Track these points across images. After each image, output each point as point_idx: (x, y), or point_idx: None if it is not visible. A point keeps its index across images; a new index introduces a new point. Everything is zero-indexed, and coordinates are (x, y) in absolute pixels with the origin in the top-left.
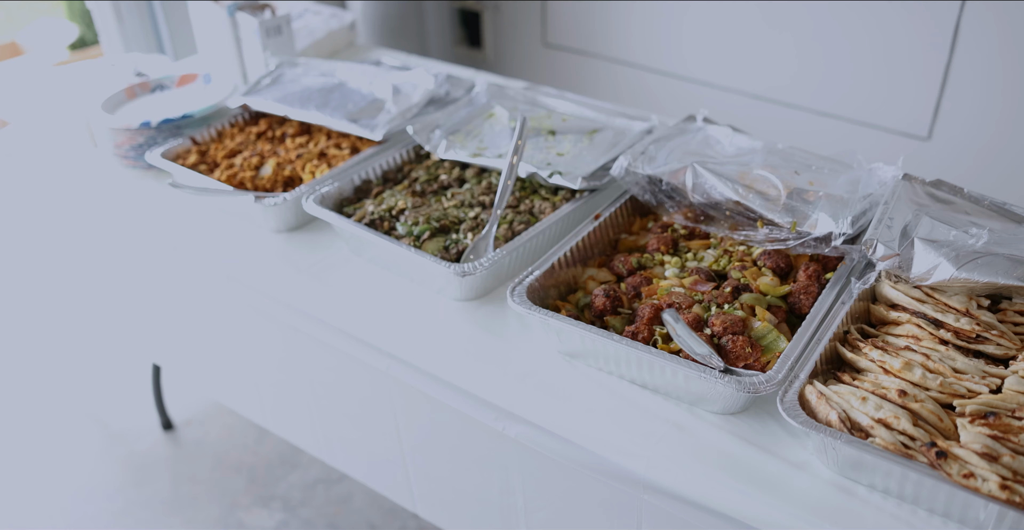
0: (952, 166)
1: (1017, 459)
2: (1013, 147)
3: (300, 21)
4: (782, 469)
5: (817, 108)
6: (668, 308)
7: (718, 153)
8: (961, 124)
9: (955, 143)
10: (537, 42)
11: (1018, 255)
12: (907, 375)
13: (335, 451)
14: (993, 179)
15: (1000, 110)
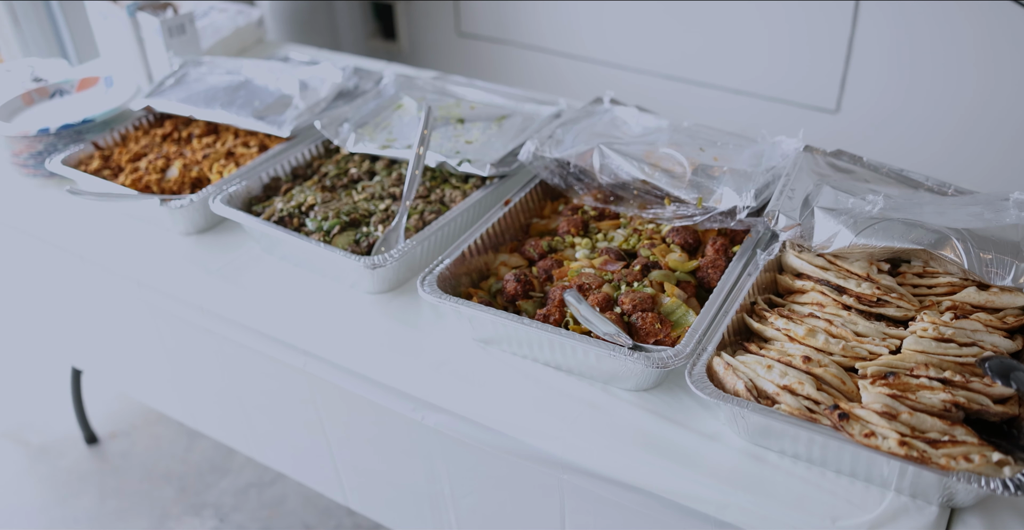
0: (861, 137)
1: (915, 416)
2: (919, 116)
3: (205, 19)
4: (696, 441)
5: (729, 86)
6: (569, 289)
7: (625, 133)
8: (868, 96)
9: (863, 114)
10: (451, 32)
11: (912, 219)
12: (811, 341)
13: (265, 450)
14: (901, 148)
15: (906, 80)
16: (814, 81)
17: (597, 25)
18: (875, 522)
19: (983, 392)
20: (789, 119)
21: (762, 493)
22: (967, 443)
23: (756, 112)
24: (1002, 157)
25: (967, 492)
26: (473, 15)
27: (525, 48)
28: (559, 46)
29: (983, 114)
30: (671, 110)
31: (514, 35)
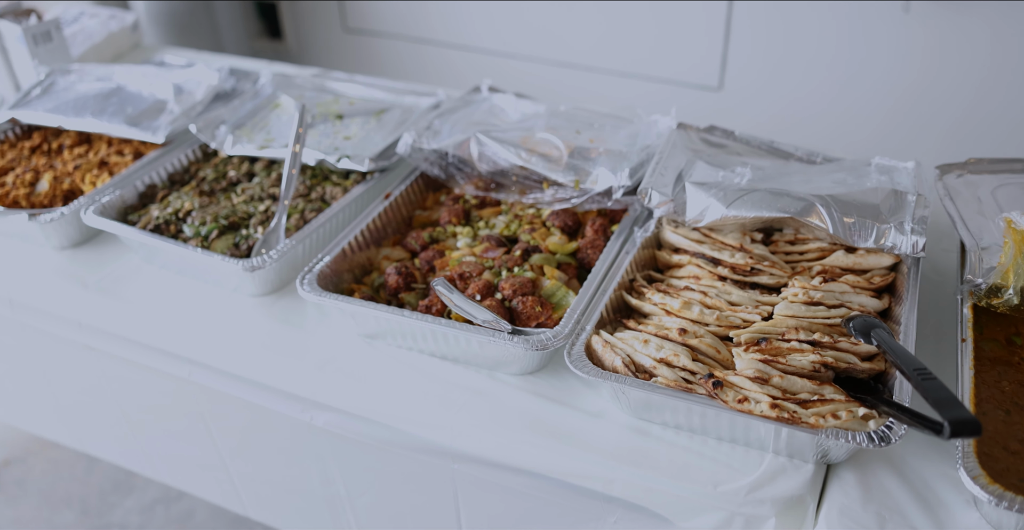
0: (745, 112)
1: (786, 378)
2: (799, 89)
3: (76, 25)
4: (581, 420)
5: (615, 69)
6: (438, 279)
7: (502, 121)
8: (748, 72)
9: (745, 90)
10: (338, 28)
11: (779, 188)
12: (686, 314)
13: (159, 467)
14: (786, 121)
15: (785, 55)
16: (696, 60)
17: (484, 15)
18: (754, 484)
19: (850, 351)
20: (675, 98)
21: (646, 466)
22: (835, 401)
23: (643, 93)
24: (879, 125)
25: (839, 448)
26: (358, 10)
27: (414, 41)
28: (447, 37)
29: (860, 85)
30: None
31: (401, 28)
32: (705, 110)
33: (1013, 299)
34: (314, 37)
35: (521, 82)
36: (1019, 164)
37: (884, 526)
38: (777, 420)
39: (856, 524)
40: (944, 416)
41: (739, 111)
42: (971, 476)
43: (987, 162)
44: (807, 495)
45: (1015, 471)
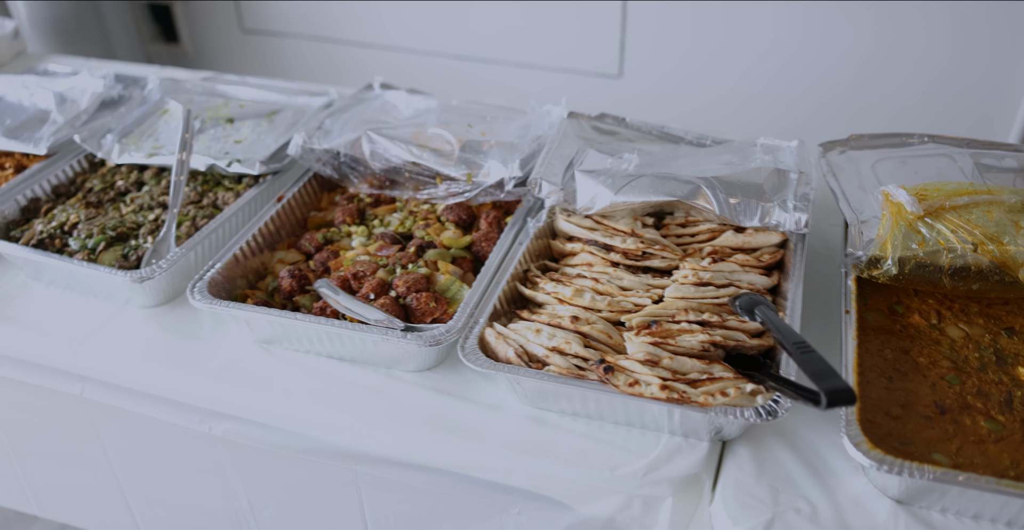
0: (645, 99)
1: (676, 359)
2: (698, 74)
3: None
4: (479, 413)
5: (517, 60)
6: (321, 280)
7: (394, 117)
8: (647, 59)
9: (645, 77)
10: (235, 29)
11: (666, 173)
12: (578, 301)
13: (46, 502)
14: (686, 106)
15: (681, 41)
16: (595, 49)
17: (384, 11)
18: (651, 465)
19: (739, 329)
20: (576, 87)
21: (545, 454)
22: (724, 379)
23: (545, 83)
24: (774, 107)
25: (731, 425)
26: (255, 11)
27: (314, 40)
28: (348, 35)
29: (756, 68)
30: (464, 89)
31: (300, 27)
32: (607, 98)
33: (892, 269)
34: (211, 39)
35: (424, 77)
36: (897, 139)
37: (777, 497)
38: (667, 401)
39: (750, 497)
40: (820, 387)
41: (640, 97)
42: (854, 443)
43: (868, 138)
44: (703, 473)
45: (896, 435)
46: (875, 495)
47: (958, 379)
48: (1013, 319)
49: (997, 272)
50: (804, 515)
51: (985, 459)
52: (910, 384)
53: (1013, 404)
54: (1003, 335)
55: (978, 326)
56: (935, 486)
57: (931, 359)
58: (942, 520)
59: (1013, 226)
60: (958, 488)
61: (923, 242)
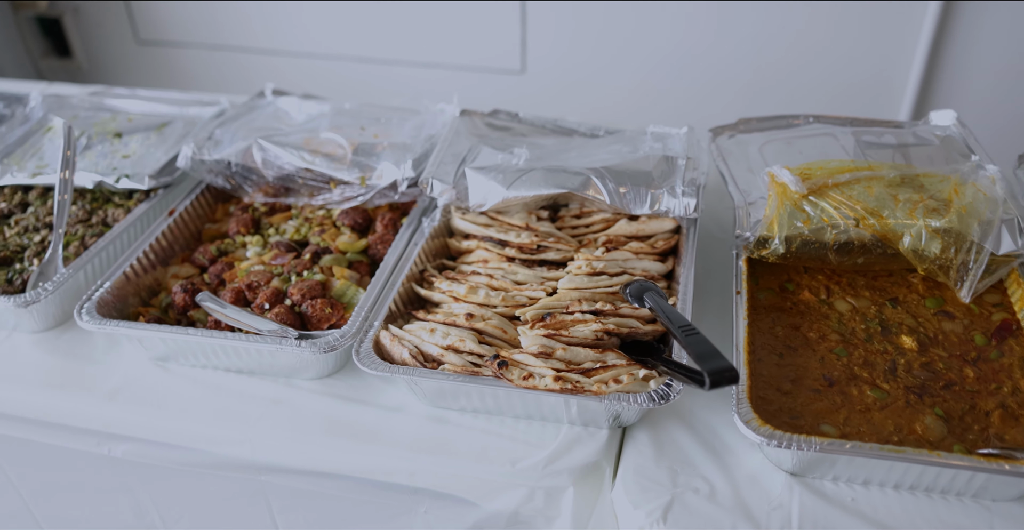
0: (549, 93)
1: (569, 350)
2: (600, 66)
3: None
4: (381, 416)
5: (419, 60)
6: (202, 293)
7: (286, 124)
8: (549, 53)
9: (548, 71)
10: (130, 41)
11: (556, 165)
12: (473, 298)
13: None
14: (590, 100)
15: (582, 34)
16: (497, 45)
17: (282, 16)
18: (551, 456)
19: (632, 316)
20: (481, 85)
21: (447, 453)
22: (617, 366)
23: (449, 82)
24: (680, 98)
25: (628, 411)
26: (150, 21)
27: (212, 48)
28: (247, 42)
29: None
30: (366, 91)
31: (197, 36)
32: (511, 93)
33: (779, 248)
34: (106, 52)
35: (327, 82)
36: (784, 120)
37: (676, 479)
38: (561, 392)
39: (650, 481)
40: (704, 368)
41: (544, 92)
42: (744, 421)
43: (756, 121)
44: (603, 460)
45: (787, 410)
46: (771, 469)
47: (845, 351)
48: (897, 290)
49: (879, 245)
50: (702, 494)
51: (871, 427)
52: (800, 359)
53: (897, 372)
54: (888, 306)
55: (865, 298)
56: (824, 457)
57: (820, 333)
58: (834, 489)
59: (892, 200)
60: (846, 457)
61: (808, 220)
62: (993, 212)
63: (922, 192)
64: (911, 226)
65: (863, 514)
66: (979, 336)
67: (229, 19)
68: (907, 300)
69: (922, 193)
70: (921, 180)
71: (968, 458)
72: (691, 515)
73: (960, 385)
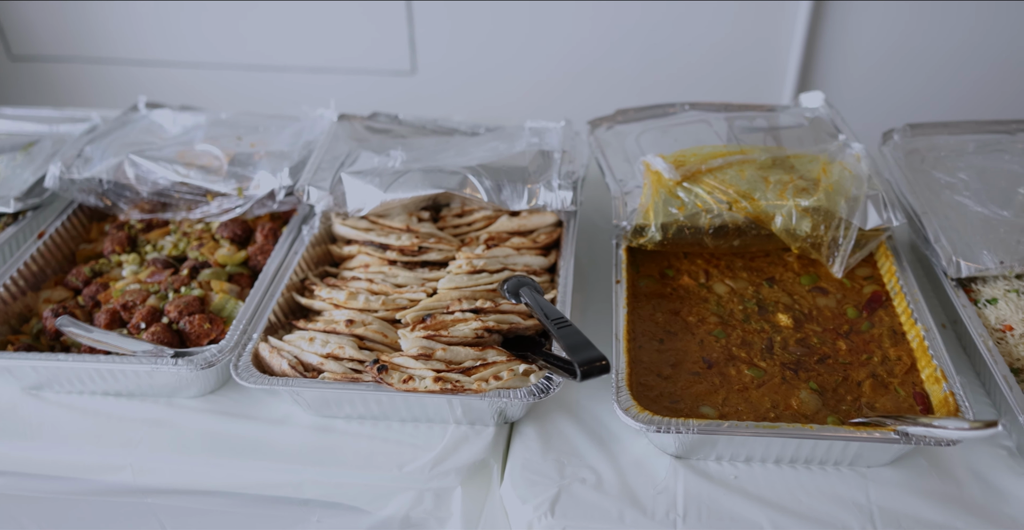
0: (442, 92)
1: (449, 350)
2: (490, 63)
3: None
4: (265, 429)
5: (308, 65)
6: (62, 317)
7: (160, 138)
8: (438, 52)
9: (438, 70)
10: (2, 57)
11: (433, 165)
12: (353, 304)
13: None
14: (483, 98)
15: (470, 32)
16: (385, 47)
17: (164, 25)
18: (438, 457)
19: (512, 311)
20: (372, 87)
21: (332, 462)
22: (497, 363)
23: (340, 86)
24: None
25: (512, 407)
26: (24, 34)
27: (91, 62)
28: (127, 53)
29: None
30: (252, 100)
31: (75, 49)
32: (403, 95)
33: (656, 236)
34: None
35: (211, 92)
36: (660, 109)
37: (563, 471)
38: (442, 392)
39: (537, 475)
40: (575, 360)
41: (436, 92)
42: (623, 408)
43: (633, 111)
44: (490, 458)
45: (668, 395)
46: (656, 454)
47: (724, 333)
48: (774, 269)
49: (754, 227)
50: (589, 484)
51: (748, 405)
52: (680, 343)
53: (773, 349)
54: (764, 285)
55: (742, 280)
56: (704, 438)
57: (700, 317)
58: (718, 468)
59: (763, 182)
60: (725, 437)
61: (682, 206)
62: (859, 189)
63: (792, 173)
64: (782, 206)
65: (746, 491)
66: (851, 309)
67: (106, 30)
68: (783, 279)
69: (792, 174)
70: (791, 161)
71: (840, 429)
72: (578, 505)
73: (834, 358)
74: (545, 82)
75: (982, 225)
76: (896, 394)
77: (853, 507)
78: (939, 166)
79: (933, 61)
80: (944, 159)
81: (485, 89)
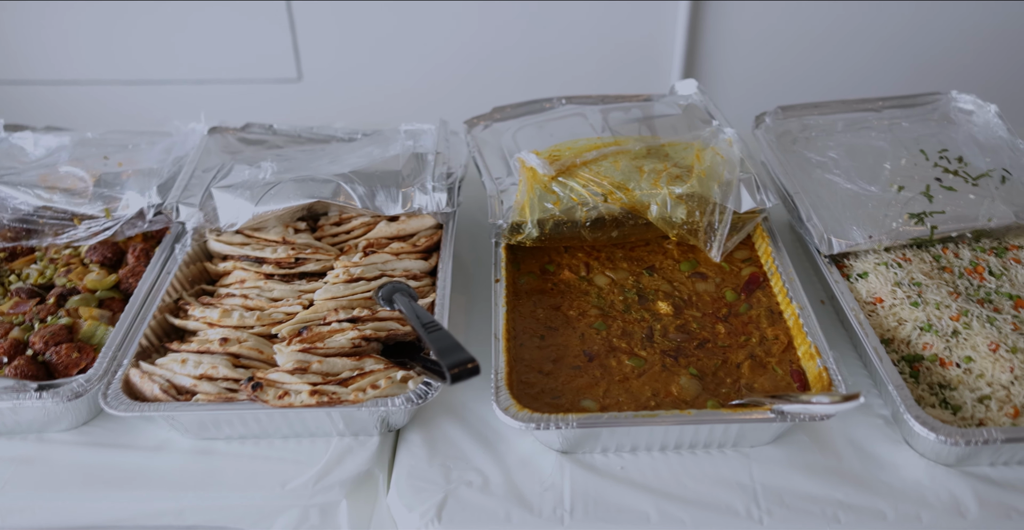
0: (330, 98)
1: (326, 362)
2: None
3: None
4: (142, 458)
5: (189, 78)
6: None
7: (20, 161)
8: (324, 58)
9: (325, 76)
10: None
11: (304, 175)
12: (227, 321)
13: None
14: (371, 99)
15: (354, 36)
16: (269, 54)
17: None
18: (321, 472)
19: (390, 318)
20: (257, 96)
21: (213, 486)
22: (375, 372)
23: (225, 97)
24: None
25: (395, 414)
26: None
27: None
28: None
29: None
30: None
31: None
32: (290, 102)
33: (533, 232)
34: None
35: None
36: (537, 104)
37: (449, 475)
38: (318, 405)
39: (423, 481)
40: (444, 363)
41: (324, 98)
42: (502, 408)
43: (510, 108)
44: (375, 468)
45: (549, 391)
46: (543, 451)
47: (605, 324)
48: (654, 257)
49: (631, 217)
50: (475, 487)
51: (629, 395)
52: (561, 338)
53: (654, 338)
54: (645, 274)
55: (623, 270)
56: (587, 432)
57: (580, 310)
58: (604, 460)
59: (638, 172)
60: (605, 429)
61: (558, 201)
62: (732, 173)
63: (667, 161)
64: (656, 195)
65: (632, 481)
66: (730, 292)
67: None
68: (663, 266)
69: (666, 162)
70: (666, 150)
71: (717, 412)
72: (465, 509)
73: (713, 342)
74: (435, 83)
75: (852, 201)
76: (774, 373)
77: (737, 488)
78: (810, 146)
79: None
80: (815, 139)
81: (373, 93)
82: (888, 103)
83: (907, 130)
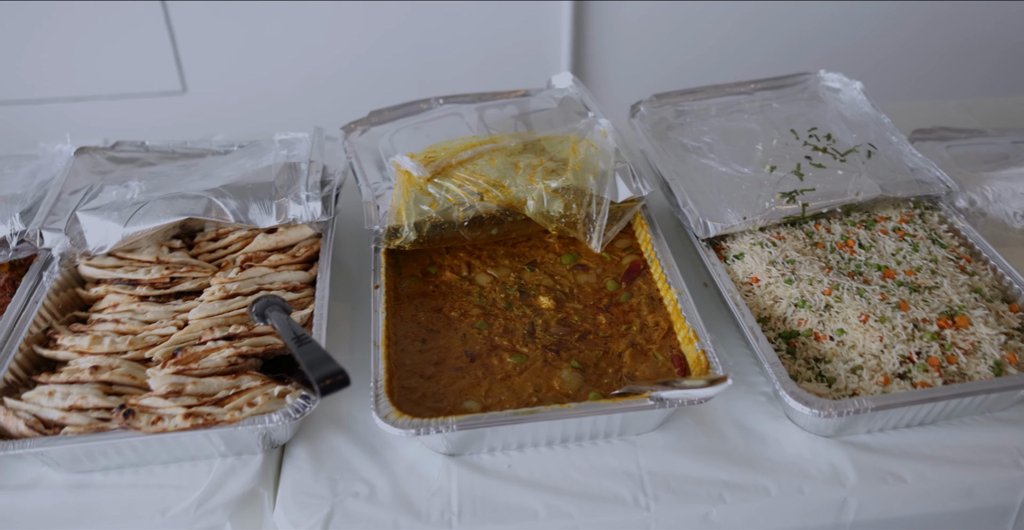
0: (218, 108)
1: (200, 382)
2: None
3: None
4: (12, 498)
5: (69, 95)
6: None
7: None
8: (207, 68)
9: (210, 87)
10: None
11: (174, 192)
12: (97, 348)
13: None
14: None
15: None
16: (149, 67)
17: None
18: (203, 495)
19: (267, 333)
20: (141, 110)
21: (89, 521)
22: (251, 389)
23: (106, 114)
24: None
25: (276, 430)
26: None
27: None
28: None
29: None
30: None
31: None
32: (177, 115)
33: (411, 235)
34: None
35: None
36: (414, 106)
37: (335, 488)
38: (193, 428)
39: (308, 496)
40: (313, 376)
41: (211, 109)
42: (382, 416)
43: (387, 111)
44: (259, 486)
45: (431, 395)
46: (430, 456)
47: (486, 323)
48: (535, 253)
49: (509, 214)
50: (362, 497)
51: (511, 393)
52: (443, 341)
53: (535, 333)
54: (526, 270)
55: (505, 267)
56: (469, 433)
57: (462, 311)
58: (491, 460)
59: (514, 168)
60: (487, 428)
61: (434, 202)
62: (607, 163)
63: (543, 156)
64: (532, 190)
65: (520, 478)
66: (611, 282)
67: None
68: (545, 261)
69: (542, 157)
70: (543, 144)
71: (596, 404)
72: (352, 521)
73: (594, 333)
74: (322, 89)
75: (726, 184)
76: (655, 360)
77: (624, 477)
78: (685, 132)
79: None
80: (690, 125)
81: (260, 101)
82: (760, 85)
83: (778, 111)
